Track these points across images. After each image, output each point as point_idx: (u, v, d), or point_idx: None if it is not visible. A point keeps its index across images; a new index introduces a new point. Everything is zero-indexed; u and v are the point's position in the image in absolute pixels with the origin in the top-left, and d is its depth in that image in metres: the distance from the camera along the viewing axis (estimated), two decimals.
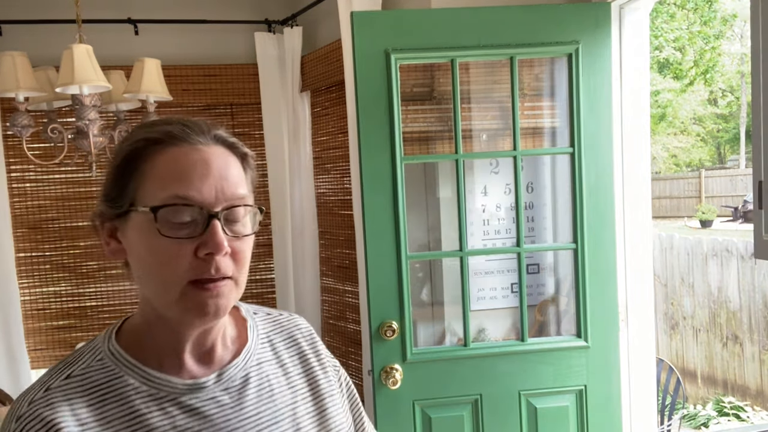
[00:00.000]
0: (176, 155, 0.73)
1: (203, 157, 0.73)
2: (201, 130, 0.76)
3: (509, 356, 2.11)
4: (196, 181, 0.72)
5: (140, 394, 0.74)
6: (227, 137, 0.78)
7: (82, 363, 0.76)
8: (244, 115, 3.24)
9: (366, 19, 2.00)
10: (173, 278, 0.71)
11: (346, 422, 0.90)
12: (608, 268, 2.11)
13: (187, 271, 0.71)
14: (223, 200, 0.73)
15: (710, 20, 14.82)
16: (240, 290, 0.77)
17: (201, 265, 0.71)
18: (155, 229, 0.71)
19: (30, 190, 3.06)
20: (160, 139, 0.74)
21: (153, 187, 0.72)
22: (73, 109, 2.23)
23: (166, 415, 0.75)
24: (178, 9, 3.10)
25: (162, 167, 0.73)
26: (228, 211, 0.73)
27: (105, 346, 0.78)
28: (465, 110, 2.30)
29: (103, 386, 0.74)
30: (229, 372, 0.80)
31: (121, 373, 0.75)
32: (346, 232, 2.96)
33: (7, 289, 2.92)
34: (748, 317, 5.52)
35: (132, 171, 0.74)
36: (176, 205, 0.71)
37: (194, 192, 0.71)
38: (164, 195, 0.71)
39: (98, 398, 0.73)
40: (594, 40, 2.03)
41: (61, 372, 0.75)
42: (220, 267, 0.72)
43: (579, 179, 2.06)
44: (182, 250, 0.71)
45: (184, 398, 0.76)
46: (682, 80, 15.84)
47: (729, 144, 20.62)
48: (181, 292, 0.72)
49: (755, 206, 1.26)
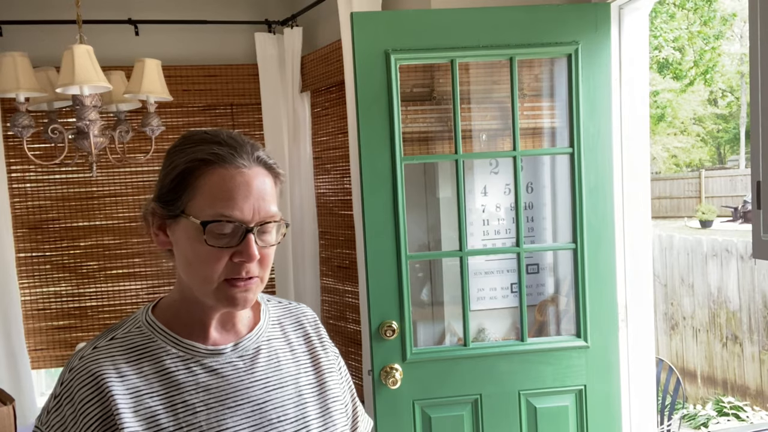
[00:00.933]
0: (224, 177, 0.88)
1: (246, 180, 0.88)
2: (244, 151, 0.90)
3: (509, 356, 2.11)
4: (239, 201, 0.87)
5: (170, 355, 0.91)
6: (267, 159, 0.93)
7: (124, 329, 0.93)
8: (244, 116, 3.24)
9: (366, 19, 2.00)
10: (211, 276, 0.87)
11: (341, 396, 1.04)
12: (608, 268, 2.11)
13: (222, 271, 0.87)
14: (258, 217, 0.88)
15: (710, 20, 14.82)
16: (264, 286, 0.93)
17: (235, 268, 0.87)
18: (202, 239, 0.86)
19: (30, 190, 3.07)
20: (211, 160, 0.88)
21: (202, 202, 0.87)
22: (74, 109, 2.23)
23: (191, 373, 0.90)
24: (179, 9, 3.10)
25: (211, 186, 0.87)
26: (261, 226, 0.89)
27: (143, 317, 0.94)
28: (465, 110, 2.31)
29: (140, 347, 0.90)
30: (243, 343, 0.96)
31: (155, 338, 0.91)
32: (346, 232, 2.96)
33: (8, 289, 2.92)
34: (748, 317, 5.53)
35: (186, 185, 0.89)
36: (221, 222, 0.86)
37: (237, 212, 0.87)
38: (212, 212, 0.86)
39: (136, 357, 0.89)
40: (594, 41, 2.04)
41: (107, 335, 0.92)
42: (250, 270, 0.88)
43: (579, 179, 2.06)
44: (221, 255, 0.87)
45: (206, 360, 0.92)
46: (681, 80, 15.84)
47: (729, 144, 20.61)
48: (217, 287, 0.88)
49: (754, 206, 1.26)
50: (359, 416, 1.12)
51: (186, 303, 0.94)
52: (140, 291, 3.19)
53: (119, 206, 3.15)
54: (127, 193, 3.16)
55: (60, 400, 0.86)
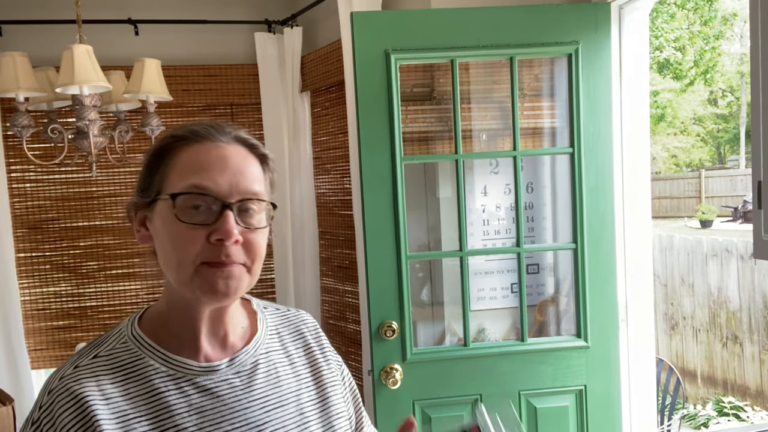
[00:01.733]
0: (198, 150, 0.81)
1: (222, 153, 0.81)
2: (223, 131, 0.84)
3: (509, 356, 2.11)
4: (213, 173, 0.79)
5: (160, 374, 0.82)
6: (248, 138, 0.86)
7: (108, 345, 0.84)
8: (244, 115, 3.24)
9: (366, 19, 2.00)
10: (187, 259, 0.78)
11: (346, 412, 0.96)
12: (608, 268, 2.11)
13: (199, 254, 0.78)
14: (237, 193, 0.80)
15: (710, 20, 14.82)
16: (253, 279, 0.83)
17: (213, 249, 0.78)
18: (173, 215, 0.78)
19: (30, 190, 3.06)
20: (186, 136, 0.82)
21: (175, 178, 0.80)
22: (74, 109, 2.23)
23: (182, 394, 0.82)
24: (178, 9, 3.10)
25: (184, 160, 0.81)
26: (241, 204, 0.80)
27: (128, 330, 0.85)
28: (465, 110, 2.31)
29: (127, 366, 0.82)
30: (240, 357, 0.87)
31: (142, 355, 0.83)
32: (346, 232, 2.96)
33: (7, 289, 2.92)
34: (748, 317, 5.53)
35: (159, 164, 0.83)
36: (193, 194, 0.78)
37: (210, 183, 0.79)
38: (183, 184, 0.79)
39: (122, 376, 0.81)
40: (594, 40, 2.04)
41: (89, 352, 0.83)
42: (230, 254, 0.79)
43: (579, 179, 2.06)
44: (196, 235, 0.78)
45: (199, 379, 0.83)
46: (682, 80, 15.84)
47: (729, 144, 20.61)
48: (194, 271, 0.79)
49: (754, 206, 1.26)
50: (364, 429, 1.03)
51: (174, 310, 0.85)
52: (140, 291, 3.19)
53: (119, 206, 3.15)
54: (127, 193, 3.16)
55: (40, 426, 0.77)
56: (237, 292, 0.81)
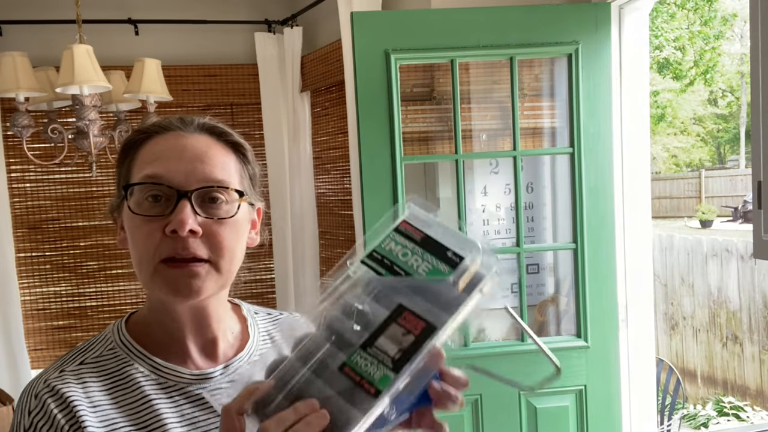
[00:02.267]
0: (158, 142, 0.78)
1: (180, 142, 0.77)
2: (186, 121, 0.80)
3: (509, 356, 2.11)
4: (168, 161, 0.75)
5: (150, 382, 0.77)
6: (215, 126, 0.80)
7: (94, 351, 0.79)
8: (244, 115, 3.24)
9: (366, 19, 2.00)
10: (146, 257, 0.74)
11: None
12: (608, 268, 2.11)
13: (157, 249, 0.73)
14: (195, 181, 0.74)
15: (710, 20, 14.82)
16: (223, 277, 0.77)
17: (169, 243, 0.73)
18: (128, 207, 0.75)
19: (30, 190, 3.06)
20: (148, 130, 0.79)
21: (135, 172, 0.76)
22: (74, 109, 2.23)
23: (174, 404, 0.77)
24: (178, 9, 3.10)
25: (144, 153, 0.77)
26: (202, 193, 0.75)
27: (115, 336, 0.80)
28: (465, 110, 2.30)
29: (115, 374, 0.77)
30: (234, 365, 0.82)
31: (131, 362, 0.78)
32: (346, 232, 2.96)
33: (7, 289, 2.92)
34: (748, 317, 5.53)
35: (123, 160, 0.80)
36: (145, 184, 0.74)
37: (163, 170, 0.74)
38: (139, 176, 0.75)
39: (110, 384, 0.76)
40: (594, 40, 2.04)
41: (74, 359, 0.78)
42: (188, 246, 0.73)
43: (579, 179, 2.06)
44: (153, 228, 0.73)
45: (191, 388, 0.78)
46: (681, 80, 15.84)
47: (729, 144, 20.61)
48: (153, 269, 0.74)
49: (754, 206, 1.26)
50: None
51: (155, 314, 0.80)
52: (140, 291, 3.19)
53: None
54: None
55: (36, 430, 0.71)
56: (202, 291, 0.75)
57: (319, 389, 0.58)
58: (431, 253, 0.64)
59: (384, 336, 0.59)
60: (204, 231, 0.74)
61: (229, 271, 0.78)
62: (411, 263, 0.64)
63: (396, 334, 0.59)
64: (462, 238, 0.65)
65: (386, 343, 0.59)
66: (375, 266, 0.65)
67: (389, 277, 0.64)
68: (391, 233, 0.66)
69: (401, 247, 0.65)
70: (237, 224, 0.77)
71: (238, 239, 0.78)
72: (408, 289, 0.62)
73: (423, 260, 0.64)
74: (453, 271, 0.63)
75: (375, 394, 0.56)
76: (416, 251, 0.65)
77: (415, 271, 0.63)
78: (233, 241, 0.77)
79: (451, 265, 0.63)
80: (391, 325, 0.60)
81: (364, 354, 0.59)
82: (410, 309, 0.61)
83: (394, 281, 0.63)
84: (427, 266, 0.64)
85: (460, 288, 0.63)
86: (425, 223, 0.66)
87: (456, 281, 0.62)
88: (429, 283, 0.62)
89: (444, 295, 0.62)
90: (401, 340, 0.59)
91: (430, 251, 0.64)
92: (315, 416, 0.56)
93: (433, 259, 0.64)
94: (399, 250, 0.65)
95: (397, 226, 0.67)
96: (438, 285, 0.62)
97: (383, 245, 0.66)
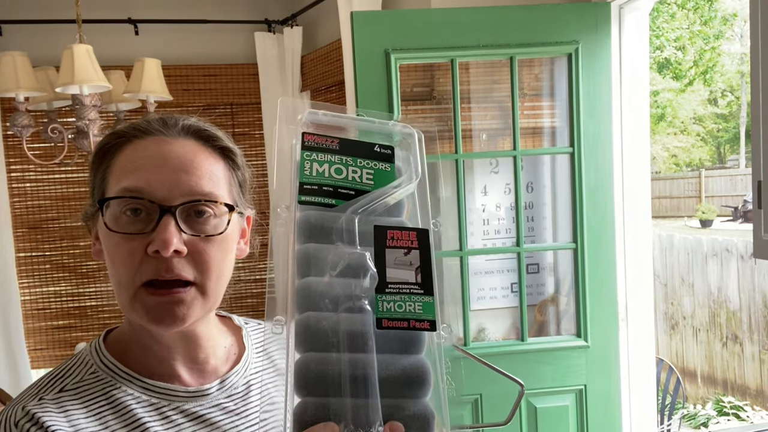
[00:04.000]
0: (137, 148, 0.69)
1: (162, 149, 0.69)
2: (171, 123, 0.71)
3: (509, 356, 2.11)
4: (149, 172, 0.67)
5: (141, 403, 0.70)
6: (204, 129, 0.72)
7: (74, 377, 0.71)
8: (244, 115, 3.24)
9: (366, 19, 2.00)
10: (126, 278, 0.67)
11: None
12: (608, 268, 2.11)
13: (138, 270, 0.66)
14: (180, 195, 0.67)
15: (710, 20, 14.82)
16: (209, 301, 0.70)
17: (152, 264, 0.65)
18: (104, 224, 0.67)
19: (30, 190, 3.06)
20: (125, 133, 0.70)
21: (112, 182, 0.68)
22: (74, 109, 2.23)
23: (170, 423, 0.71)
24: (178, 9, 3.10)
25: (122, 161, 0.69)
26: (188, 208, 0.67)
27: (95, 358, 0.73)
28: (465, 110, 2.30)
29: (101, 398, 0.70)
30: (231, 379, 0.76)
31: (117, 384, 0.71)
32: None
33: (7, 289, 2.92)
34: (748, 317, 5.52)
35: (98, 167, 0.71)
36: (123, 198, 0.66)
37: (143, 184, 0.66)
38: (117, 188, 0.67)
39: (98, 409, 0.69)
40: (594, 40, 2.03)
41: (52, 386, 0.70)
42: (172, 268, 0.65)
43: (579, 179, 2.06)
44: (133, 247, 0.66)
45: (187, 405, 0.72)
46: (681, 80, 15.84)
47: (729, 144, 20.61)
48: (133, 294, 0.67)
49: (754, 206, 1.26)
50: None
51: (138, 335, 0.73)
52: None
53: None
54: None
55: None
56: (187, 318, 0.68)
57: (373, 362, 0.51)
58: (361, 156, 0.58)
59: (390, 267, 0.54)
60: (190, 249, 0.67)
61: (216, 293, 0.71)
62: (351, 177, 0.58)
63: (398, 257, 0.55)
64: (369, 123, 0.60)
65: (397, 272, 0.54)
66: (318, 199, 0.57)
67: (343, 204, 0.57)
68: (303, 154, 0.58)
69: (327, 164, 0.58)
70: (226, 240, 0.70)
71: (226, 256, 0.71)
72: (367, 204, 0.57)
73: (359, 167, 0.58)
74: (393, 165, 0.59)
75: (431, 327, 0.54)
76: (345, 161, 0.58)
77: (361, 183, 0.58)
78: (221, 260, 0.70)
79: (387, 159, 0.59)
80: (387, 252, 0.55)
81: (386, 298, 0.53)
82: (389, 225, 0.56)
83: (349, 206, 0.56)
84: (368, 173, 0.58)
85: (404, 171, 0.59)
86: (326, 127, 0.59)
87: (401, 172, 0.59)
88: (382, 188, 0.58)
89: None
90: (408, 261, 0.54)
91: (359, 154, 0.58)
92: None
93: (367, 162, 0.58)
94: (327, 168, 0.58)
95: (304, 143, 0.58)
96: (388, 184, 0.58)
97: (306, 171, 0.57)
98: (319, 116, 0.60)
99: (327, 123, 0.60)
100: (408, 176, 0.59)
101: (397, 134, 0.60)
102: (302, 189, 0.57)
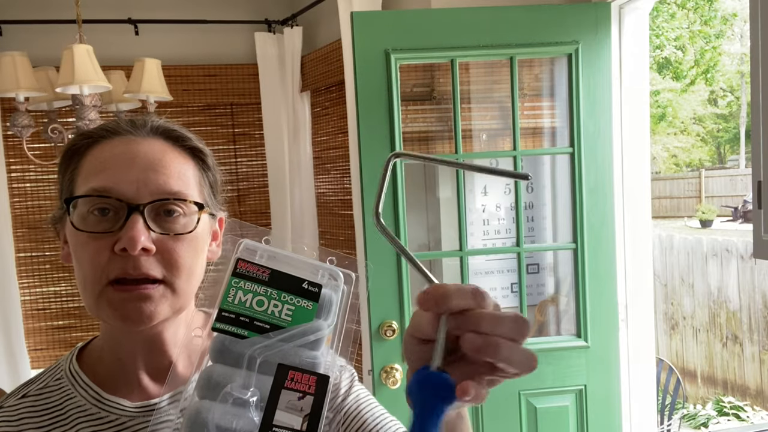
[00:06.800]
0: (104, 148, 0.69)
1: (129, 148, 0.69)
2: (135, 123, 0.72)
3: None
4: (116, 172, 0.66)
5: (88, 417, 0.68)
6: (171, 129, 0.72)
7: (40, 382, 0.72)
8: (244, 115, 3.24)
9: (366, 19, 2.00)
10: (92, 277, 0.66)
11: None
12: (608, 268, 2.11)
13: (104, 269, 0.65)
14: (149, 194, 0.66)
15: (710, 20, 14.82)
16: (179, 299, 0.68)
17: (119, 262, 0.65)
18: (71, 223, 0.67)
19: (30, 190, 3.06)
20: (93, 133, 0.71)
21: (80, 182, 0.69)
22: (74, 109, 2.23)
23: None
24: (178, 9, 3.10)
25: (90, 161, 0.69)
26: (156, 206, 0.67)
27: (65, 365, 0.73)
28: (465, 110, 2.31)
29: (55, 409, 0.69)
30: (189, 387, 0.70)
31: (74, 394, 0.70)
32: (346, 232, 2.96)
33: (7, 289, 2.92)
34: (748, 317, 5.53)
35: (66, 168, 0.71)
36: (90, 197, 0.66)
37: (110, 183, 0.66)
38: (84, 189, 0.67)
39: (48, 421, 0.68)
40: (594, 40, 2.04)
41: (18, 391, 0.71)
42: (140, 266, 0.65)
43: (579, 179, 2.06)
44: (100, 246, 0.65)
45: (132, 423, 0.69)
46: (682, 80, 15.85)
47: (729, 144, 20.61)
48: (99, 292, 0.66)
49: (754, 206, 1.26)
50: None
51: (107, 341, 0.72)
52: None
53: None
54: None
55: None
56: (154, 316, 0.66)
57: None
58: (287, 290, 0.58)
59: (280, 409, 0.53)
60: (158, 248, 0.66)
61: (187, 292, 0.69)
62: (270, 310, 0.57)
63: (291, 401, 0.54)
64: (304, 261, 0.60)
65: (285, 416, 0.53)
66: (232, 329, 0.56)
67: (255, 338, 0.56)
68: (232, 281, 0.57)
69: (252, 294, 0.57)
70: (196, 239, 0.69)
71: (196, 256, 0.70)
72: (281, 342, 0.56)
73: (281, 302, 0.57)
74: (316, 304, 0.58)
75: None
76: (270, 294, 0.57)
77: (279, 318, 0.57)
78: (191, 259, 0.68)
79: (312, 297, 0.58)
80: (282, 393, 0.54)
81: None
82: (293, 365, 0.55)
83: (259, 341, 0.56)
84: (288, 309, 0.57)
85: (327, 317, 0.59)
86: (268, 257, 0.59)
87: (321, 315, 0.58)
88: (299, 328, 0.57)
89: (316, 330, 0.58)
90: (300, 406, 0.53)
91: (285, 288, 0.58)
92: None
93: (291, 297, 0.58)
94: (250, 298, 0.57)
95: (235, 269, 0.58)
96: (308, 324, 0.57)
97: (229, 299, 0.57)
98: (255, 246, 0.59)
99: (268, 253, 0.60)
100: (327, 323, 0.59)
101: (325, 276, 0.60)
102: (220, 316, 0.56)
